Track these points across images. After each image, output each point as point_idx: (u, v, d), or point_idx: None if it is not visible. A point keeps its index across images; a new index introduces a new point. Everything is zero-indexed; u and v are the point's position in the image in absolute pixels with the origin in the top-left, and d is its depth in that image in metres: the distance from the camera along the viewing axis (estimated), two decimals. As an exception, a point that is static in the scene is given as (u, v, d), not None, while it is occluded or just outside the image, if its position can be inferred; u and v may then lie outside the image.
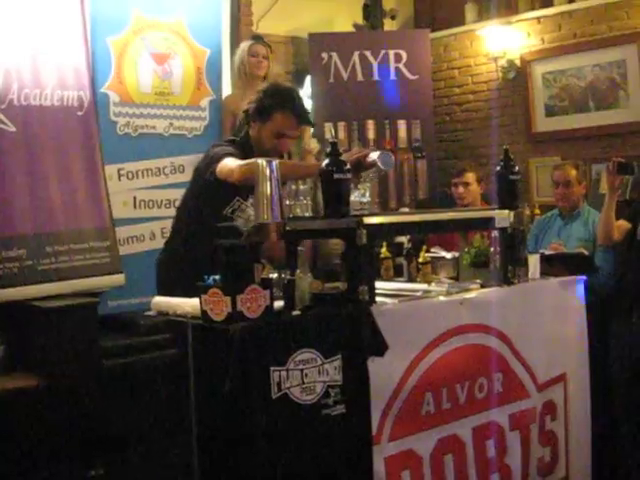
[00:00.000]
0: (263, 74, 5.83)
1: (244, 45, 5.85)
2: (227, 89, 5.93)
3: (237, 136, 4.13)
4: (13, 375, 4.36)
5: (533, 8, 6.84)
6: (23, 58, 4.62)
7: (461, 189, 5.59)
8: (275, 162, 3.23)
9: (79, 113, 4.87)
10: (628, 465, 4.71)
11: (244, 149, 3.86)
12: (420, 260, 3.91)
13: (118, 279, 4.97)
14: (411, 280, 3.98)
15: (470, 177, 5.60)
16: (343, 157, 3.22)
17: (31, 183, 4.61)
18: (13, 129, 4.59)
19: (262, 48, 5.85)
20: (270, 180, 3.18)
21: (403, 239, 4.38)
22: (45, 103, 4.71)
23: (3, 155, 4.55)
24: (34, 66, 4.67)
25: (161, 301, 3.29)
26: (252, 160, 3.41)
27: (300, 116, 3.93)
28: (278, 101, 3.87)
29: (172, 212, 5.36)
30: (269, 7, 6.62)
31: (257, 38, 5.92)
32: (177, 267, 3.87)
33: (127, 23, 5.28)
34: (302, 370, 2.86)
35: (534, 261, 3.91)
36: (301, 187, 3.36)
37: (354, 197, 3.35)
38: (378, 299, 3.21)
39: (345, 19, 7.18)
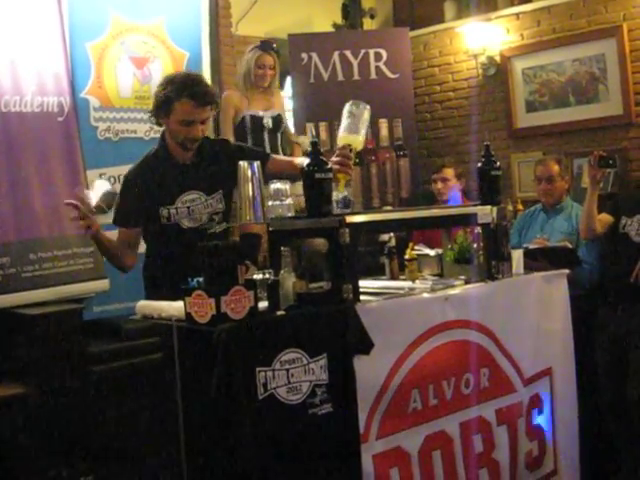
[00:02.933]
0: (267, 85, 5.81)
1: (252, 54, 5.71)
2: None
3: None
4: (-1, 384, 4.36)
5: (512, 4, 6.86)
6: (2, 65, 4.61)
7: (440, 185, 5.61)
8: (256, 163, 3.23)
9: (59, 119, 4.85)
10: (616, 456, 4.74)
11: (157, 155, 3.94)
12: (407, 257, 3.91)
13: (102, 284, 4.96)
14: (393, 278, 3.98)
15: (449, 173, 5.62)
16: None
17: (13, 190, 4.60)
18: (-7, 136, 4.58)
19: (270, 59, 5.73)
20: (252, 181, 3.18)
21: (386, 237, 4.38)
22: (25, 109, 4.69)
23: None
24: (13, 73, 4.65)
25: (146, 305, 3.28)
26: None
27: (198, 98, 3.79)
28: (173, 92, 3.77)
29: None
30: (248, 9, 6.62)
31: (266, 46, 5.75)
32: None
33: (106, 27, 5.26)
34: (288, 370, 2.86)
35: (517, 256, 3.92)
36: (282, 187, 3.35)
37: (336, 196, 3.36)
38: (362, 297, 3.21)
39: (324, 19, 7.19)
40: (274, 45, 5.82)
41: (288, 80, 6.82)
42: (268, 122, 5.72)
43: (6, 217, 4.57)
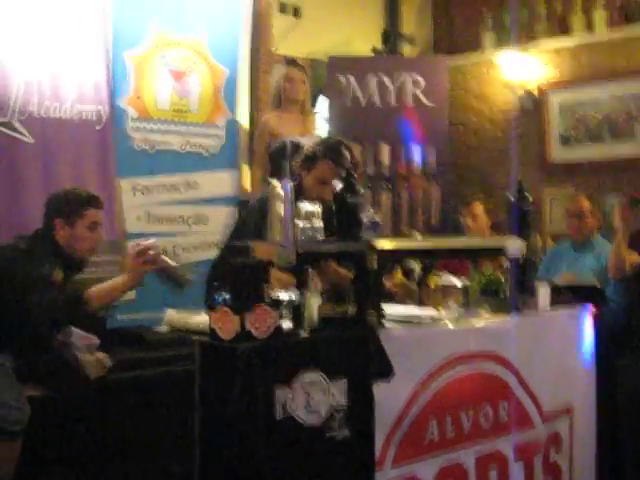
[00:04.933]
0: (302, 98, 5.74)
1: (279, 70, 5.77)
2: (244, 109, 5.94)
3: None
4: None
5: (551, 36, 6.85)
6: (44, 72, 4.66)
7: (470, 221, 5.45)
8: (289, 184, 3.24)
9: (97, 127, 4.90)
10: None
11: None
12: (432, 286, 3.90)
13: (129, 293, 4.97)
14: (421, 305, 3.98)
15: (478, 208, 5.47)
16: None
17: (46, 195, 4.63)
18: (32, 140, 4.62)
19: (298, 73, 5.73)
20: (284, 201, 3.19)
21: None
22: (64, 116, 4.75)
23: (20, 166, 4.60)
24: (54, 80, 4.71)
25: (173, 316, 3.30)
26: None
27: (338, 161, 4.06)
28: (323, 150, 4.07)
29: (185, 228, 5.43)
30: (289, 29, 6.65)
31: (292, 62, 5.82)
32: None
33: (146, 39, 5.29)
34: (308, 392, 2.87)
35: (544, 291, 3.91)
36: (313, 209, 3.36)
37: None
38: (387, 324, 3.21)
39: (364, 43, 7.20)
40: (298, 62, 5.88)
41: (320, 100, 6.83)
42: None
43: (38, 221, 4.61)
